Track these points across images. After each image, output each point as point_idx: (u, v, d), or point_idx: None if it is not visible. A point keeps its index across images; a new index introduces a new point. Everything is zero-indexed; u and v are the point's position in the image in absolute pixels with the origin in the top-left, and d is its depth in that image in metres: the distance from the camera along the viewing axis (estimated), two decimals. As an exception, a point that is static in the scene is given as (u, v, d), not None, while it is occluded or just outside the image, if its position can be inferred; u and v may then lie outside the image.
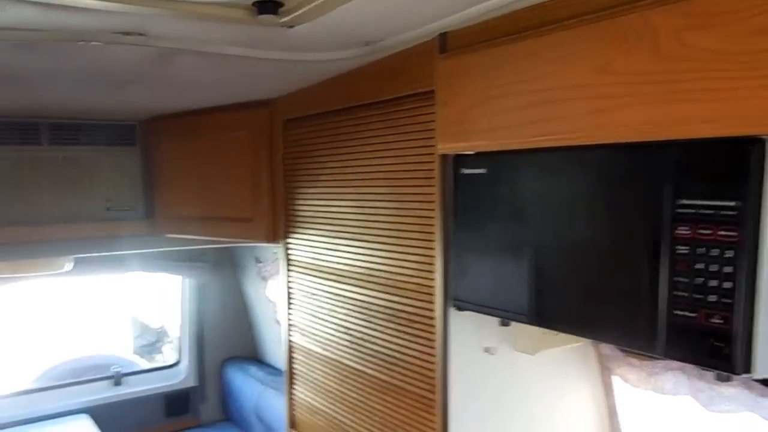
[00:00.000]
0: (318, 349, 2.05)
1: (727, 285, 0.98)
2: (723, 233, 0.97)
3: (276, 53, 1.57)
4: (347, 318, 1.88)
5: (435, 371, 1.56)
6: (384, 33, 1.48)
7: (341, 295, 1.91)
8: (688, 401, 1.59)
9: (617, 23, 1.08)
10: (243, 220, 2.34)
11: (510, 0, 1.23)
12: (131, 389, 3.67)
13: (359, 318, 1.83)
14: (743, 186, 0.95)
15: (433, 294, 1.54)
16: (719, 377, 1.08)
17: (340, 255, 1.90)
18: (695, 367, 1.53)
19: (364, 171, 1.77)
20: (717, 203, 0.98)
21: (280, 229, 2.21)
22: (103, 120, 2.63)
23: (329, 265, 1.96)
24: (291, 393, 2.25)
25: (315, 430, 2.10)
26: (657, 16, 1.03)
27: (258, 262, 3.58)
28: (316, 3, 1.21)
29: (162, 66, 1.64)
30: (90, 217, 2.63)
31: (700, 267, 1.00)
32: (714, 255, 0.99)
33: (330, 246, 1.95)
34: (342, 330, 1.91)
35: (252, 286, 3.79)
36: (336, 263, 1.92)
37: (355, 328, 1.85)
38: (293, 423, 2.25)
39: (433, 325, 1.55)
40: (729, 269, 0.97)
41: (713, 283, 0.99)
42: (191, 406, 3.84)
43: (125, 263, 3.39)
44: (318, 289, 2.02)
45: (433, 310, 1.55)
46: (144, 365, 4.98)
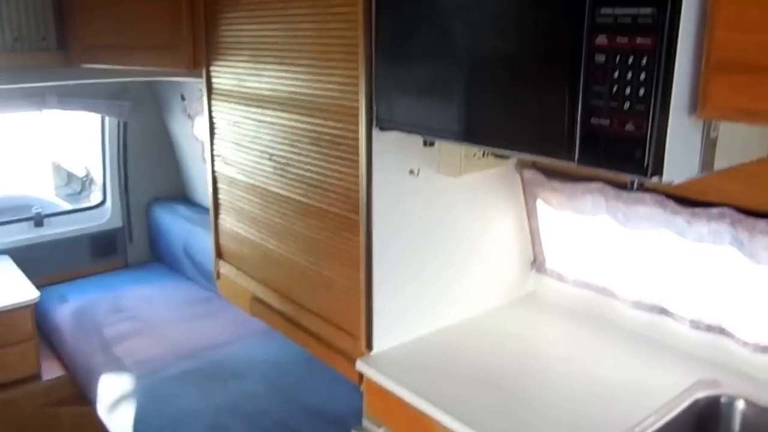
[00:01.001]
0: (242, 178, 2.04)
1: (641, 92, 1.00)
2: (639, 40, 0.98)
3: None
4: (271, 144, 1.86)
5: (358, 192, 1.58)
6: None
7: (265, 121, 1.87)
8: (606, 220, 1.68)
9: None
10: (162, 47, 2.22)
11: None
12: (54, 230, 3.63)
13: (283, 143, 1.81)
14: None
15: (357, 115, 1.53)
16: (633, 185, 1.14)
17: (263, 80, 1.85)
18: (613, 188, 1.62)
19: (287, -13, 1.67)
20: (634, 11, 0.98)
21: (201, 56, 2.11)
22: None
23: (252, 91, 1.90)
24: (217, 223, 2.26)
25: (241, 257, 2.15)
26: None
27: (183, 99, 3.46)
28: None
29: None
30: (-4, 50, 2.45)
31: (616, 75, 1.02)
32: (630, 63, 1.00)
33: (253, 71, 1.88)
34: (266, 156, 1.90)
35: (178, 124, 3.69)
36: (259, 89, 1.87)
37: (280, 153, 1.84)
38: (220, 253, 2.29)
39: (357, 147, 1.56)
40: (643, 76, 0.99)
41: (628, 91, 1.01)
42: (118, 247, 3.86)
43: (40, 99, 3.23)
44: (241, 117, 1.98)
45: (357, 131, 1.54)
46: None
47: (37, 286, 3.01)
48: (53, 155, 6.43)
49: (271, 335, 2.69)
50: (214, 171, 2.21)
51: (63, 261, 3.62)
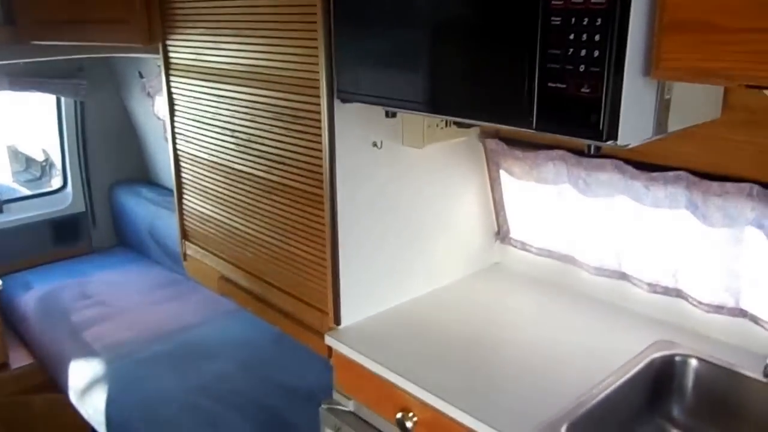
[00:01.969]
0: (205, 156, 2.02)
1: (596, 53, 1.01)
2: (594, 1, 0.99)
3: None
4: (232, 119, 1.85)
5: (322, 167, 1.58)
6: None
7: (225, 96, 1.85)
8: (568, 189, 1.71)
9: None
10: (116, 21, 2.15)
11: None
12: (14, 217, 3.57)
13: (244, 119, 1.80)
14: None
15: (318, 87, 1.52)
16: (590, 150, 1.16)
17: (221, 53, 1.82)
18: (574, 155, 1.65)
19: (242, -45, 1.65)
20: (590, -29, 0.99)
21: (157, 30, 2.07)
22: None
23: (211, 66, 1.88)
24: (181, 204, 2.24)
25: (207, 237, 2.14)
26: None
27: (142, 76, 3.40)
28: None
29: None
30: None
31: (572, 37, 1.03)
32: (585, 24, 1.01)
33: (211, 45, 1.86)
34: (228, 133, 1.88)
35: (138, 104, 3.63)
36: (218, 63, 1.85)
37: (241, 129, 1.82)
38: (185, 234, 2.27)
39: (319, 120, 1.55)
40: (598, 37, 1.00)
41: (583, 53, 1.02)
42: (82, 232, 3.81)
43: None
44: (201, 92, 1.95)
45: (318, 104, 1.54)
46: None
47: (0, 274, 2.97)
48: (9, 140, 6.26)
49: (242, 315, 2.70)
50: (176, 150, 2.18)
51: (25, 248, 3.57)
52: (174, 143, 2.18)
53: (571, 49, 1.04)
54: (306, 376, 2.47)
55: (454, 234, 1.89)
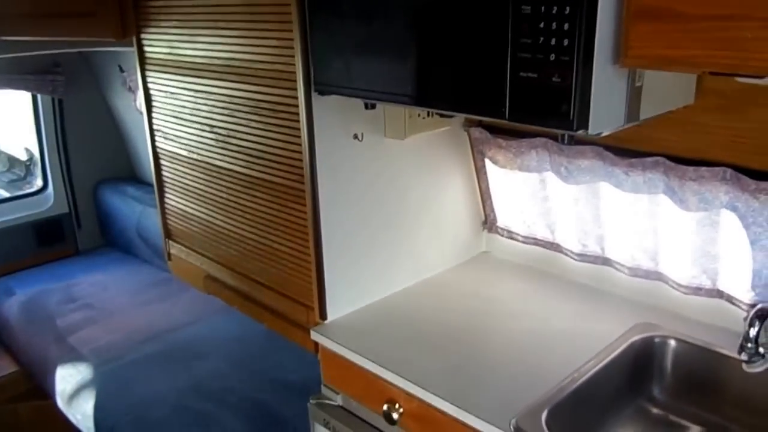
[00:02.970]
0: (184, 153, 2.05)
1: (566, 42, 1.04)
2: (563, -11, 1.02)
3: None
4: (210, 115, 1.88)
5: (302, 161, 1.61)
6: None
7: (202, 91, 1.88)
8: (550, 177, 1.75)
9: None
10: (87, 14, 2.13)
11: None
12: (-7, 220, 3.58)
13: (222, 114, 1.83)
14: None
15: (295, 80, 1.55)
16: (564, 139, 1.20)
17: (197, 47, 1.85)
18: (556, 143, 1.69)
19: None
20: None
21: (130, 23, 2.07)
22: None
23: (187, 60, 1.90)
24: (163, 203, 2.28)
25: (190, 236, 2.18)
26: None
27: (122, 71, 3.41)
28: None
29: None
30: None
31: (541, 26, 1.06)
32: (554, 12, 1.04)
33: (186, 38, 1.88)
34: (207, 129, 1.91)
35: (120, 99, 3.64)
36: (193, 56, 1.87)
37: (220, 125, 1.86)
38: (168, 233, 2.31)
39: (297, 113, 1.58)
40: (567, 26, 1.04)
41: (553, 42, 1.06)
42: (66, 234, 3.81)
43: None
44: (178, 87, 1.98)
45: (296, 97, 1.57)
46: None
47: (-21, 280, 3.00)
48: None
49: (232, 313, 2.72)
50: (155, 147, 2.22)
51: (6, 252, 3.57)
52: (153, 140, 2.21)
53: (542, 38, 1.07)
54: (298, 370, 2.52)
55: (440, 224, 1.93)
